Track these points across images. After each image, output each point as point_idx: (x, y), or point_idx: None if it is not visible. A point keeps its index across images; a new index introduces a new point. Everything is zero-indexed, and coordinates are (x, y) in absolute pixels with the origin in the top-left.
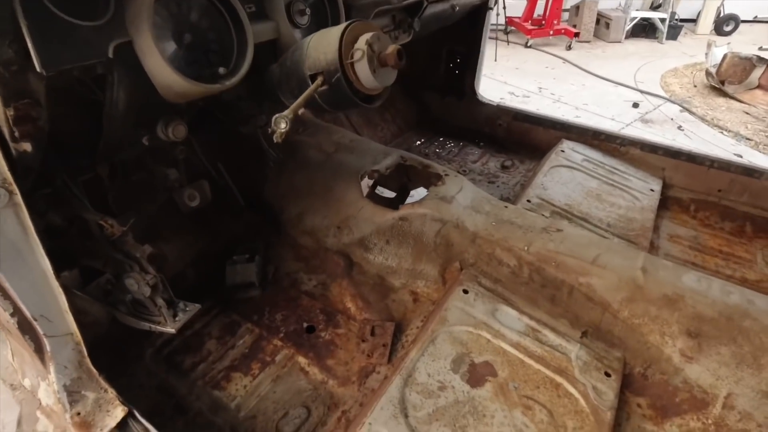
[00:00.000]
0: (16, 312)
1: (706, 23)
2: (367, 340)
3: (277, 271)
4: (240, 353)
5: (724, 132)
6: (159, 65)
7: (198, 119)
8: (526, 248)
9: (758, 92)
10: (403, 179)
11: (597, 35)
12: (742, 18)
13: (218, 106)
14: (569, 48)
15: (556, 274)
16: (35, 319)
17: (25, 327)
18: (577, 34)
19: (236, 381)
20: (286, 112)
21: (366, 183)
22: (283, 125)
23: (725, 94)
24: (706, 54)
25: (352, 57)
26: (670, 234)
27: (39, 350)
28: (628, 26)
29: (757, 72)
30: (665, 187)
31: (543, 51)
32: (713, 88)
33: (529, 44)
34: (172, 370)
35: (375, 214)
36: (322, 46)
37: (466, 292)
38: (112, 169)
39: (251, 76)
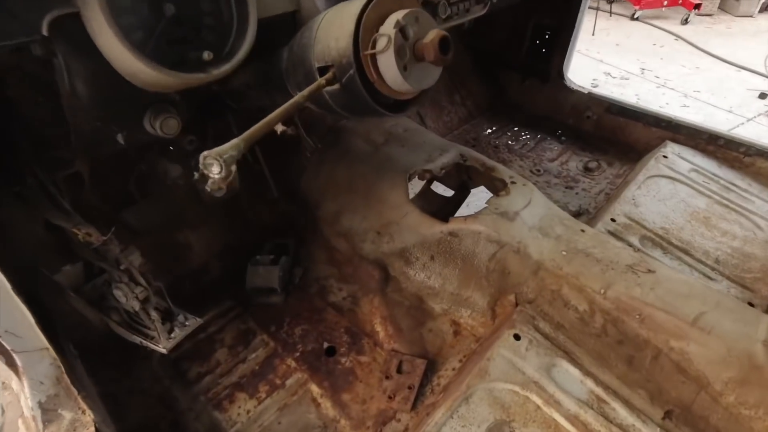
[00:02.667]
0: None
1: None
2: (392, 377)
3: (306, 273)
4: (250, 369)
5: None
6: (114, 46)
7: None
8: (602, 291)
9: None
10: (461, 181)
11: (723, 7)
12: None
13: (227, 93)
14: (686, 22)
15: (640, 331)
16: None
17: None
18: (698, 6)
19: (240, 403)
20: (225, 146)
21: (414, 184)
22: (215, 170)
23: None
24: None
25: (373, 46)
26: None
27: (11, 364)
28: None
29: None
30: None
31: (652, 24)
32: None
33: (636, 16)
34: (178, 377)
35: (421, 224)
36: (334, 27)
37: (517, 337)
38: (93, 166)
39: (262, 59)
